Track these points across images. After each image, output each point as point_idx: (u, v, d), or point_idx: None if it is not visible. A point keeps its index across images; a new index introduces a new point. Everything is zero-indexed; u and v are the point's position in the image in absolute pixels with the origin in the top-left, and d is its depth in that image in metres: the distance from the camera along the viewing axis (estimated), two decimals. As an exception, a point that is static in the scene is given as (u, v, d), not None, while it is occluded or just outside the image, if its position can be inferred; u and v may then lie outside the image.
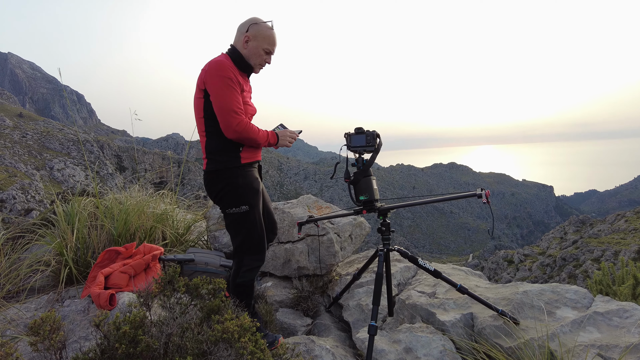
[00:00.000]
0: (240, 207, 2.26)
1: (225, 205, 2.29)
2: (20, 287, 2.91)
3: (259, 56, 2.28)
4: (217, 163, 2.26)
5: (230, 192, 2.26)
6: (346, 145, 2.46)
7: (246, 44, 2.26)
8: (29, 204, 36.25)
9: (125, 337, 1.47)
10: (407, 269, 3.32)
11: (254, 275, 2.37)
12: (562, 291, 2.46)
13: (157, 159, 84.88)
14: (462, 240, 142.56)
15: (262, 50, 2.27)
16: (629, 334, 1.97)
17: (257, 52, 2.27)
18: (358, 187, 2.38)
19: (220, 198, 2.31)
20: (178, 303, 1.68)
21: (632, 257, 30.26)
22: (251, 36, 2.24)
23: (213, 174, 2.28)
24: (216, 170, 2.26)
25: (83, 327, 2.32)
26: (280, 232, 3.61)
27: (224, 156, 2.26)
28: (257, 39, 2.25)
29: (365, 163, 2.41)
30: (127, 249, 2.97)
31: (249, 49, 2.26)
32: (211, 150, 2.27)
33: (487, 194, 2.03)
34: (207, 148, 2.28)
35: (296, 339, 2.52)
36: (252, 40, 2.25)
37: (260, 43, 2.25)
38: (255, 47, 2.25)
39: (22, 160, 54.95)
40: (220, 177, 2.27)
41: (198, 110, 2.25)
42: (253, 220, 2.30)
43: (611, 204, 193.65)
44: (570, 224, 49.24)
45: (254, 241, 2.32)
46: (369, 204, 2.36)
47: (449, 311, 2.52)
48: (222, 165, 2.26)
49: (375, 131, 2.40)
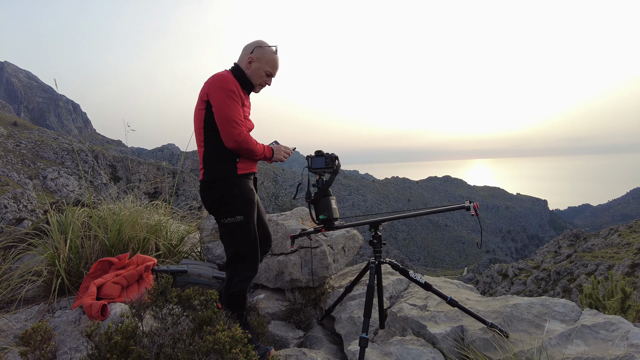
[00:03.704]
0: (235, 217, 2.30)
1: (221, 215, 2.33)
2: (10, 298, 2.89)
3: (260, 77, 2.40)
4: (213, 173, 2.31)
5: (225, 202, 2.31)
6: (307, 167, 2.58)
7: (249, 64, 2.37)
8: (20, 213, 35.82)
9: (117, 348, 1.48)
10: (399, 282, 3.34)
11: (246, 286, 2.39)
12: (551, 304, 2.50)
13: (152, 169, 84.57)
14: (456, 254, 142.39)
15: (264, 72, 2.39)
16: (615, 347, 2.00)
17: (259, 74, 2.39)
18: (318, 207, 2.50)
19: (216, 208, 2.35)
20: (170, 314, 1.69)
21: (626, 271, 30.38)
22: (255, 58, 2.36)
23: (209, 183, 2.32)
24: (212, 180, 2.31)
25: (74, 338, 2.31)
26: (274, 244, 3.62)
27: (220, 166, 2.31)
28: (260, 61, 2.37)
29: (324, 184, 2.52)
30: (120, 260, 2.97)
31: (251, 70, 2.38)
32: (209, 160, 2.32)
33: (476, 206, 2.08)
34: (204, 158, 2.33)
35: (288, 352, 2.53)
36: (256, 61, 2.37)
37: (263, 65, 2.38)
38: (258, 69, 2.37)
39: (15, 169, 54.52)
40: (216, 187, 2.31)
41: (198, 121, 2.32)
42: (247, 231, 2.34)
43: (604, 218, 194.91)
44: (565, 238, 49.42)
45: (247, 251, 2.36)
46: (328, 222, 2.49)
47: (440, 324, 2.54)
48: (219, 175, 2.31)
49: (334, 154, 2.54)
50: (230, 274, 2.37)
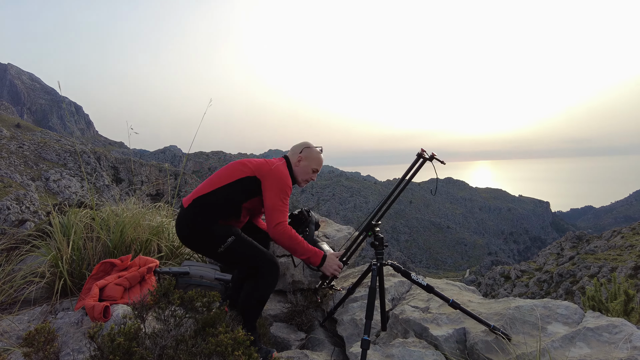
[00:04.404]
0: (226, 241, 2.39)
1: (212, 249, 2.44)
2: (13, 299, 2.89)
3: (307, 173, 2.71)
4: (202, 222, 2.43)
5: (208, 237, 2.43)
6: None
7: (299, 162, 2.68)
8: (23, 214, 35.93)
9: (119, 349, 1.48)
10: (401, 284, 3.33)
11: (271, 291, 2.49)
12: (553, 307, 2.49)
13: (154, 171, 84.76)
14: (458, 256, 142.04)
15: (311, 169, 2.71)
16: (618, 350, 2.00)
17: (307, 170, 2.70)
18: None
19: (202, 248, 2.54)
20: (172, 315, 1.70)
21: (629, 273, 30.22)
22: (304, 157, 2.68)
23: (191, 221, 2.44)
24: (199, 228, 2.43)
25: (76, 340, 2.31)
26: (276, 246, 3.63)
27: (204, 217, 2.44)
28: (308, 159, 2.69)
29: (307, 237, 2.87)
30: (123, 261, 2.98)
31: (300, 167, 2.69)
32: (204, 205, 2.43)
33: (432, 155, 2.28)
34: (202, 200, 2.45)
35: (290, 353, 2.53)
36: (304, 160, 2.68)
37: (311, 163, 2.70)
38: (306, 167, 2.69)
39: (18, 171, 54.71)
40: (200, 226, 2.43)
41: (232, 176, 2.49)
42: (246, 241, 2.45)
43: (607, 220, 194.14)
44: (567, 240, 49.25)
45: (257, 260, 2.43)
46: (325, 277, 2.77)
47: (442, 326, 2.54)
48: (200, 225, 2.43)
49: (302, 210, 2.97)
50: (254, 282, 2.44)
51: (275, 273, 2.45)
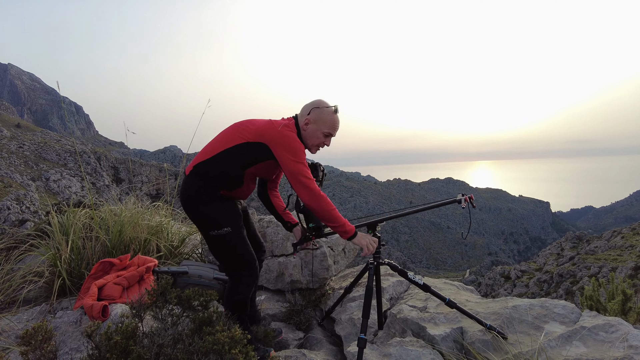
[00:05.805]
0: (222, 230, 2.25)
1: (207, 228, 2.28)
2: (12, 298, 2.90)
3: (317, 138, 2.34)
4: (201, 186, 2.26)
5: (210, 214, 2.26)
6: None
7: (306, 125, 2.32)
8: (23, 214, 35.95)
9: (117, 348, 1.49)
10: (399, 284, 3.34)
11: (248, 293, 2.37)
12: (550, 306, 2.50)
13: (154, 171, 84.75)
14: (459, 256, 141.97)
15: (322, 133, 2.32)
16: (614, 349, 2.00)
17: (316, 135, 2.32)
18: (307, 216, 2.52)
19: (197, 221, 2.30)
20: (170, 314, 1.71)
21: (629, 273, 30.20)
22: (312, 119, 2.31)
23: (194, 194, 2.26)
24: (198, 194, 2.26)
25: (75, 339, 2.32)
26: (274, 246, 3.64)
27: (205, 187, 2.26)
28: (317, 122, 2.31)
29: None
30: (122, 261, 2.99)
31: (307, 131, 2.33)
32: (208, 172, 2.26)
33: (468, 199, 2.06)
34: (208, 165, 2.27)
35: (288, 353, 2.53)
36: (312, 123, 2.31)
37: (320, 127, 2.31)
38: (314, 130, 2.31)
39: (18, 171, 54.72)
40: (199, 199, 2.26)
41: (232, 141, 2.25)
42: (240, 238, 2.31)
43: (607, 221, 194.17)
44: (567, 240, 49.23)
45: (241, 262, 2.32)
46: (318, 230, 2.51)
47: (439, 325, 2.54)
48: (201, 196, 2.26)
49: (317, 163, 2.53)
50: (231, 282, 2.36)
51: (256, 276, 2.37)
